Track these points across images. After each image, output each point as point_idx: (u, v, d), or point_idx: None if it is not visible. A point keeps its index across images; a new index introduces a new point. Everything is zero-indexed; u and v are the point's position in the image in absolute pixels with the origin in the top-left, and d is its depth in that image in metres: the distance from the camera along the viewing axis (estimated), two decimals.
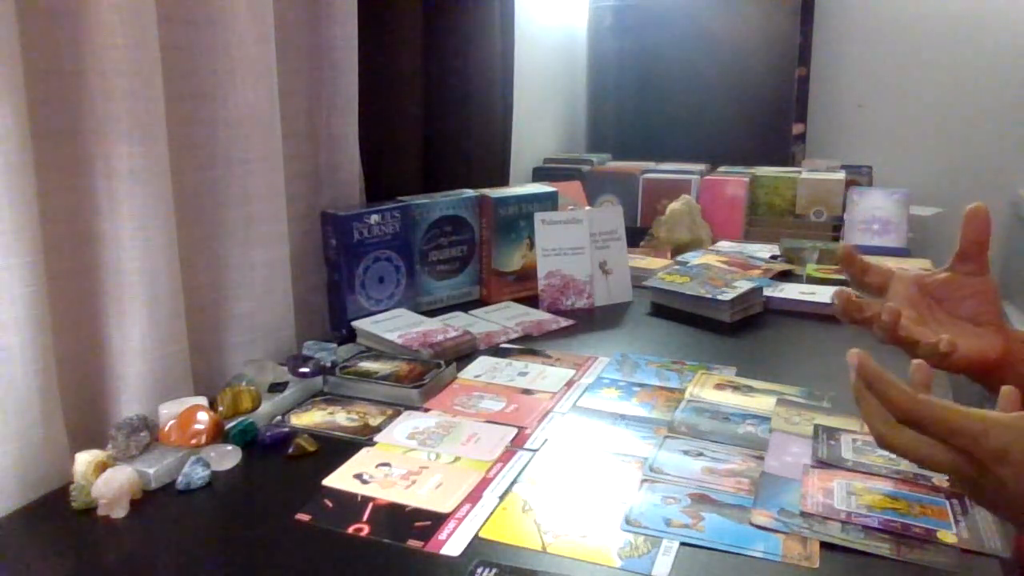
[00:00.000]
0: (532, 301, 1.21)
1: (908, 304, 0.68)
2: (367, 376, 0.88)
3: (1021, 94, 2.36)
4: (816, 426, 0.78)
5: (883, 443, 0.55)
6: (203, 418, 0.74)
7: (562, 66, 2.17)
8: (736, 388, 0.88)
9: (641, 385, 0.90)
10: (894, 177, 2.14)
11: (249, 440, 0.76)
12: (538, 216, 1.20)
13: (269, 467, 0.73)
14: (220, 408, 0.78)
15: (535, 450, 0.75)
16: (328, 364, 0.92)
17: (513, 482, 0.69)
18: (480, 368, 0.95)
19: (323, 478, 0.69)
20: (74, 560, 0.59)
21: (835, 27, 2.50)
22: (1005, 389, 0.57)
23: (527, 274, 1.24)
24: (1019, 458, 0.49)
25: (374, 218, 1.08)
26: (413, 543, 0.60)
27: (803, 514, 0.62)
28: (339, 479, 0.69)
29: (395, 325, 1.05)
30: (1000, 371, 0.65)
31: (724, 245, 1.56)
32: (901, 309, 0.65)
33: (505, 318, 1.14)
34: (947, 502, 0.64)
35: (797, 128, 2.23)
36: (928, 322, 0.68)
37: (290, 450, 0.74)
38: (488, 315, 1.16)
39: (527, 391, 0.88)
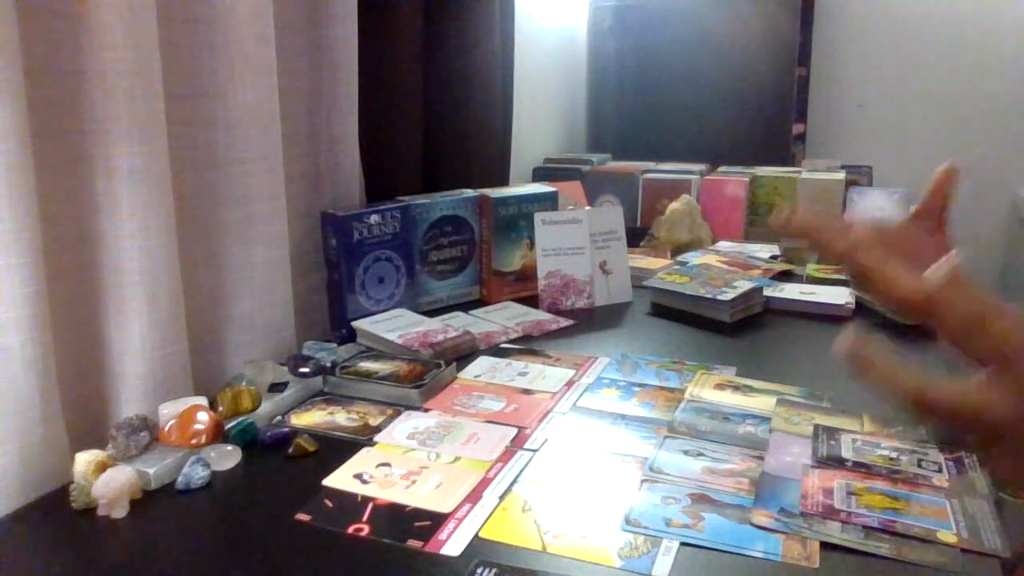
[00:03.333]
0: (532, 301, 1.21)
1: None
2: (367, 376, 0.88)
3: (1021, 94, 2.36)
4: (816, 426, 0.78)
5: (921, 399, 0.47)
6: (203, 418, 0.74)
7: (562, 66, 2.17)
8: (736, 388, 0.88)
9: (641, 385, 0.90)
10: (894, 177, 2.14)
11: (249, 440, 0.76)
12: (538, 216, 1.20)
13: (269, 467, 0.73)
14: (220, 408, 0.78)
15: (535, 450, 0.75)
16: (328, 364, 0.92)
17: (513, 482, 0.69)
18: (480, 368, 0.95)
19: (323, 478, 0.69)
20: (74, 560, 0.59)
21: (835, 27, 2.50)
22: None
23: (527, 274, 1.24)
24: None
25: (374, 218, 1.08)
26: (413, 543, 0.60)
27: (803, 514, 0.62)
28: (339, 479, 0.69)
29: (395, 325, 1.05)
30: None
31: (724, 245, 1.56)
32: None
33: (505, 318, 1.14)
34: (947, 502, 0.64)
35: (797, 128, 2.23)
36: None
37: (290, 450, 0.74)
38: (488, 315, 1.16)
39: (527, 391, 0.88)
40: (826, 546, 0.59)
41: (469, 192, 1.23)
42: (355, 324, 1.06)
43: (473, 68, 1.35)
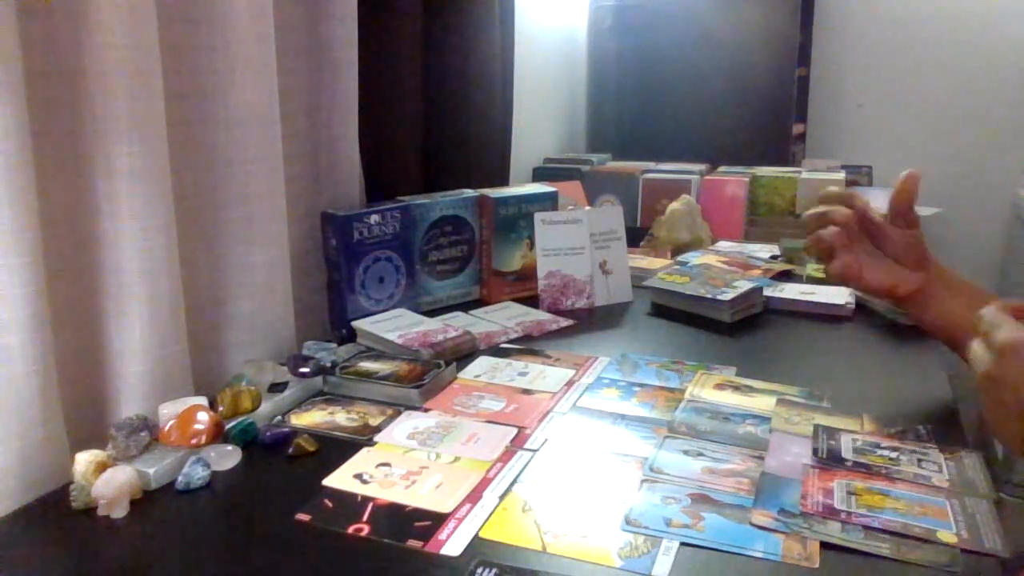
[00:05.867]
0: (532, 301, 1.21)
1: (845, 227, 0.86)
2: (367, 376, 0.88)
3: (1021, 95, 2.36)
4: (816, 426, 0.78)
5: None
6: (203, 418, 0.74)
7: (562, 66, 2.17)
8: (736, 388, 0.88)
9: (641, 385, 0.90)
10: (894, 177, 2.14)
11: (249, 440, 0.76)
12: (538, 216, 1.20)
13: (269, 467, 0.73)
14: (220, 408, 0.78)
15: (535, 450, 0.75)
16: (328, 364, 0.92)
17: (513, 482, 0.69)
18: (480, 368, 0.95)
19: (323, 478, 0.69)
20: (74, 560, 0.60)
21: (835, 27, 2.50)
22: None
23: (527, 274, 1.24)
24: None
25: (374, 218, 1.08)
26: (413, 543, 0.60)
27: (803, 514, 0.62)
28: (339, 479, 0.69)
29: (395, 325, 1.05)
30: (915, 304, 0.86)
31: (724, 245, 1.56)
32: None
33: (505, 318, 1.14)
34: (947, 502, 0.64)
35: (797, 128, 2.23)
36: (854, 247, 0.86)
37: (290, 450, 0.74)
38: (488, 315, 1.16)
39: (527, 391, 0.88)
40: (826, 546, 0.59)
41: (469, 192, 1.23)
42: (355, 324, 1.06)
43: (473, 68, 1.35)
